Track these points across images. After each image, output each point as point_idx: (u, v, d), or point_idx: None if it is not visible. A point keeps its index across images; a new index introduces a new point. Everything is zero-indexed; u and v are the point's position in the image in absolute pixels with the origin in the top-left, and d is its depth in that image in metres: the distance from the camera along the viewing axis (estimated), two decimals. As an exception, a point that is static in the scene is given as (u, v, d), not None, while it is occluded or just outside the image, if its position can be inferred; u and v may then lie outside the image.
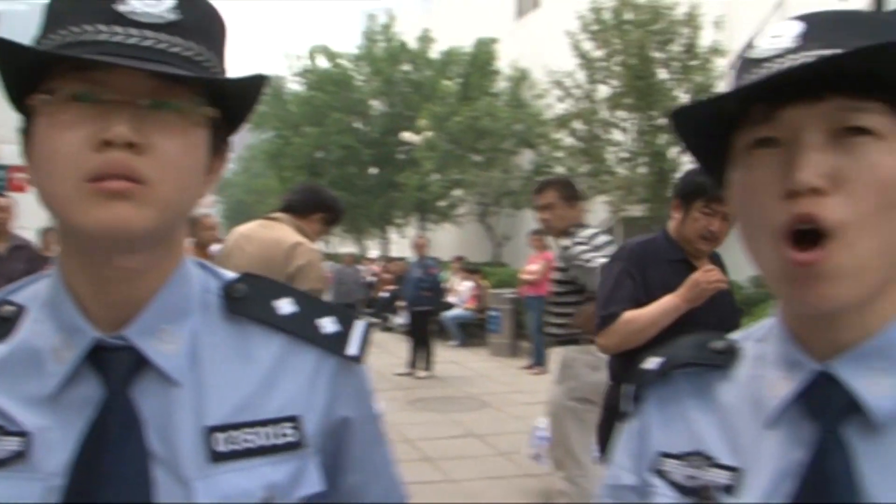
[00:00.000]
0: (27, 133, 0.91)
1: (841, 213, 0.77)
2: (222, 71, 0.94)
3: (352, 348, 1.01)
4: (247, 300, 0.99)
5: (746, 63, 0.85)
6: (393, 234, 30.88)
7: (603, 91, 17.26)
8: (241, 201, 46.89)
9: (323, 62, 29.16)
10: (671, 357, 1.01)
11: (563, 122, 17.87)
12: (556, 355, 4.69)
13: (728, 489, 0.88)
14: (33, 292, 0.98)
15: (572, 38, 17.12)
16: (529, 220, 22.56)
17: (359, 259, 24.71)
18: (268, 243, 4.26)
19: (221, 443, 0.89)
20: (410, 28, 30.11)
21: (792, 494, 0.83)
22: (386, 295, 19.10)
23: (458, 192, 24.46)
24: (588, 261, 4.30)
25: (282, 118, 29.20)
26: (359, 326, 1.04)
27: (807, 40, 0.81)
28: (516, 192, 23.32)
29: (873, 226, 0.78)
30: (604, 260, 4.06)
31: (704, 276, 3.23)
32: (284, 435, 0.93)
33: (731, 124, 0.86)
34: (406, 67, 29.05)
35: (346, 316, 1.04)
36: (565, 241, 4.50)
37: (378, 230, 30.79)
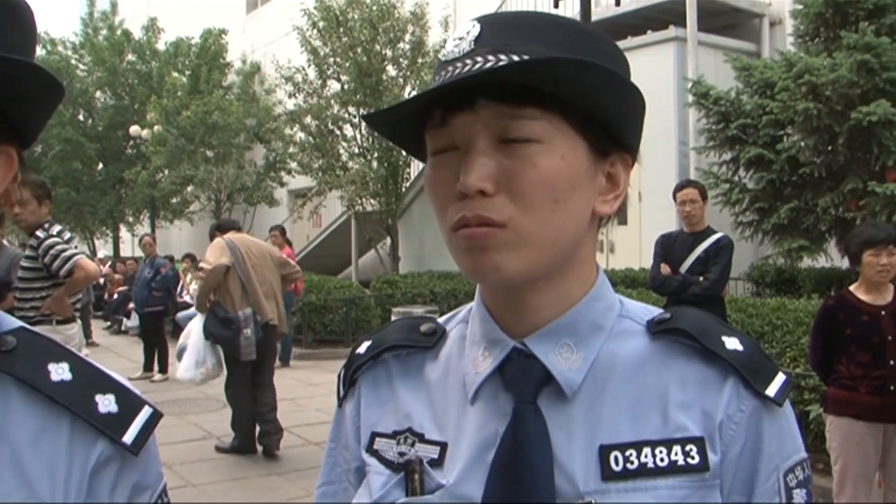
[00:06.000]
0: None
1: (507, 211, 0.83)
2: None
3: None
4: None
5: (439, 63, 0.89)
6: (124, 233, 29.49)
7: (334, 87, 17.56)
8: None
9: (38, 49, 27.14)
10: (379, 340, 1.03)
11: (294, 117, 17.92)
12: None
13: (435, 462, 0.92)
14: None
15: (301, 33, 17.24)
16: (265, 215, 22.51)
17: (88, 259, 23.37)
18: None
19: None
20: (135, 16, 28.80)
21: (492, 463, 0.88)
22: (116, 297, 18.26)
23: (190, 189, 23.81)
24: (63, 251, 5.14)
25: (-9, 110, 26.84)
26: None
27: (478, 44, 0.85)
28: (250, 188, 23.10)
29: (538, 218, 0.84)
30: (75, 251, 5.18)
31: None
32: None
33: (423, 124, 0.90)
34: (132, 58, 27.75)
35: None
36: (40, 234, 5.16)
37: (108, 229, 29.24)
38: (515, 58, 0.83)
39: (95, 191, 27.31)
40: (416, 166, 17.64)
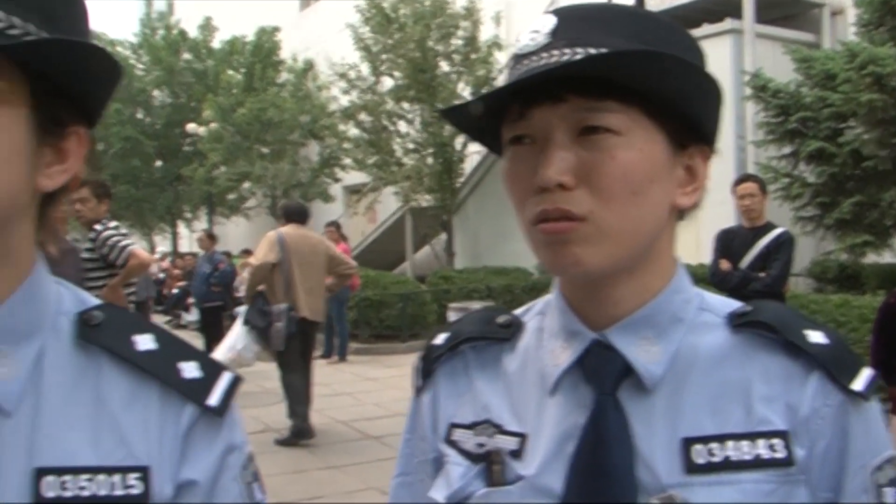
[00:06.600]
0: None
1: (587, 204, 0.83)
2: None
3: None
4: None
5: (513, 58, 0.89)
6: (182, 229, 30.02)
7: (388, 83, 17.64)
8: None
9: (98, 50, 27.76)
10: (457, 332, 1.03)
11: (348, 113, 18.04)
12: None
13: (515, 454, 0.92)
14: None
15: (354, 30, 17.33)
16: (320, 211, 22.72)
17: (146, 255, 23.88)
18: None
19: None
20: (191, 15, 29.24)
21: (573, 455, 0.88)
22: (176, 291, 18.63)
23: (246, 185, 24.13)
24: (119, 241, 5.53)
25: (55, 110, 27.56)
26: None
27: (555, 38, 0.84)
28: (305, 184, 23.33)
29: (617, 210, 0.84)
30: (130, 242, 5.62)
31: None
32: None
33: (499, 118, 0.90)
34: (188, 56, 28.21)
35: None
36: (98, 228, 5.56)
37: (166, 225, 29.79)
38: (592, 51, 0.82)
39: (154, 187, 27.83)
40: (470, 162, 17.64)
